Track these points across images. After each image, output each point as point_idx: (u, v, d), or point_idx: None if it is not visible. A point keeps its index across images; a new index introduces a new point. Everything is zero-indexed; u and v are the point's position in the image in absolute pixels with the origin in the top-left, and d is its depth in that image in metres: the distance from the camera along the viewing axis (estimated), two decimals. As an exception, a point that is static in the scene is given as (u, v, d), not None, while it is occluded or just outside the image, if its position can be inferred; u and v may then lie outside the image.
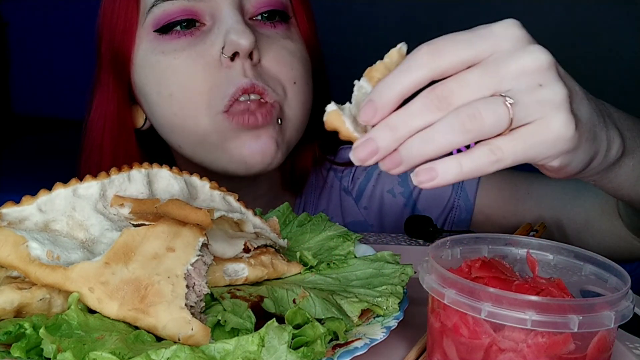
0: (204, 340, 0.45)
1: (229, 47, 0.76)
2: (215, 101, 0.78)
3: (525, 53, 0.43)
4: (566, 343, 0.41)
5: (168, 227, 0.50)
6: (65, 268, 0.47)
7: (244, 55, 0.77)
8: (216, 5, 0.79)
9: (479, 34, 0.44)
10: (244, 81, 0.77)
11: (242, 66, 0.77)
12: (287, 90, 0.81)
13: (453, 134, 0.41)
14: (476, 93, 0.42)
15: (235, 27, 0.76)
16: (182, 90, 0.79)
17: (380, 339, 0.48)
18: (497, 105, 0.41)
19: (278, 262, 0.59)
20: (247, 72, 0.77)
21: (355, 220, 0.98)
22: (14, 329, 0.42)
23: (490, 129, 0.41)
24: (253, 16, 0.82)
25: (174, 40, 0.79)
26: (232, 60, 0.77)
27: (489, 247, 0.52)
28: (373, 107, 0.43)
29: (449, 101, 0.42)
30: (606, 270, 0.47)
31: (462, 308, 0.42)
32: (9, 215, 0.51)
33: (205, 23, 0.80)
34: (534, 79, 0.43)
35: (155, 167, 0.58)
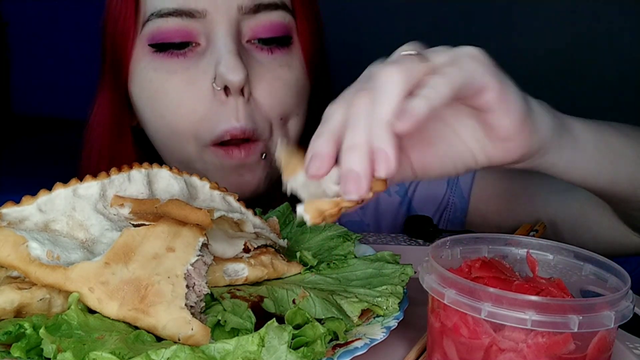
0: (204, 340, 0.45)
1: (219, 80, 0.74)
2: (203, 134, 0.77)
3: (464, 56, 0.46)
4: (566, 343, 0.41)
5: (168, 227, 0.50)
6: (65, 268, 0.47)
7: (236, 91, 0.74)
8: (211, 27, 0.76)
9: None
10: (235, 125, 0.75)
11: (235, 106, 0.75)
12: (273, 127, 0.80)
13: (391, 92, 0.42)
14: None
15: (227, 59, 0.73)
16: (172, 115, 0.78)
17: (380, 339, 0.48)
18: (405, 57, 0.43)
19: (278, 262, 0.59)
20: (240, 113, 0.75)
21: (351, 220, 0.98)
22: (14, 329, 0.42)
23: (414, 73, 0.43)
24: (251, 39, 0.78)
25: (167, 59, 0.77)
26: (226, 95, 0.75)
27: (489, 247, 0.52)
28: (319, 157, 0.44)
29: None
30: (606, 270, 0.47)
31: (462, 308, 0.42)
32: (9, 215, 0.51)
33: (200, 43, 0.77)
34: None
35: (155, 167, 0.58)
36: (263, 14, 0.77)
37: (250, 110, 0.76)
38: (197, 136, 0.77)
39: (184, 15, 0.75)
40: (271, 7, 0.78)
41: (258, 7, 0.77)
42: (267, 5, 0.77)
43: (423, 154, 0.51)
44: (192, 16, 0.75)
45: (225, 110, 0.75)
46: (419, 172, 0.51)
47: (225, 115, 0.75)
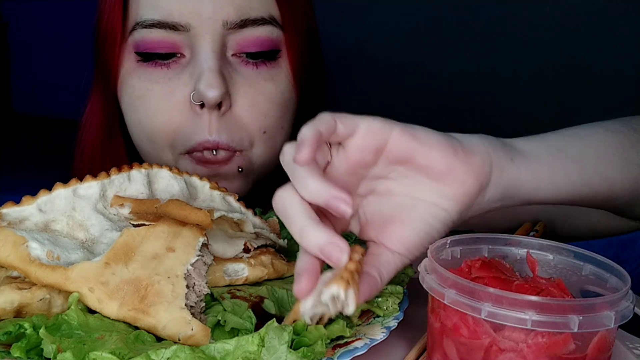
0: (204, 340, 0.45)
1: (196, 95, 0.74)
2: (177, 144, 0.77)
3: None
4: (566, 343, 0.41)
5: (168, 227, 0.50)
6: (65, 268, 0.47)
7: (210, 106, 0.74)
8: (195, 41, 0.75)
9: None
10: (208, 139, 0.75)
11: (208, 119, 0.75)
12: (254, 140, 0.79)
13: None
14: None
15: (206, 75, 0.73)
16: (150, 123, 0.78)
17: (380, 339, 0.48)
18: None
19: (278, 262, 0.59)
20: (212, 126, 0.75)
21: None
22: (14, 329, 0.42)
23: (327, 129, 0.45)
24: (237, 53, 0.77)
25: (150, 69, 0.77)
26: (201, 108, 0.75)
27: (489, 247, 0.52)
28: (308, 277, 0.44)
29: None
30: (606, 270, 0.47)
31: (462, 308, 0.42)
32: (9, 215, 0.51)
33: (184, 55, 0.77)
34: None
35: (155, 167, 0.58)
36: (249, 29, 0.76)
37: (226, 124, 0.76)
38: (173, 145, 0.77)
39: (167, 27, 0.75)
40: (258, 22, 0.77)
41: (244, 23, 0.76)
42: (254, 21, 0.76)
43: (393, 233, 0.49)
44: (175, 29, 0.75)
45: (200, 122, 0.75)
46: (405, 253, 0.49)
47: (199, 128, 0.75)
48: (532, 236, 0.58)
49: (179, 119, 0.76)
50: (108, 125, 0.86)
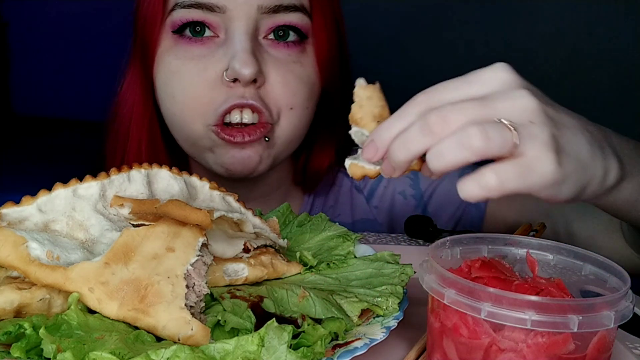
0: (204, 340, 0.45)
1: (230, 72, 0.79)
2: (209, 113, 0.81)
3: (517, 94, 0.46)
4: (566, 343, 0.41)
5: (168, 228, 0.50)
6: (65, 268, 0.47)
7: (245, 83, 0.79)
8: (230, 23, 0.80)
9: (470, 80, 0.48)
10: (242, 101, 0.80)
11: (243, 91, 0.80)
12: (281, 114, 0.84)
13: (462, 151, 0.44)
14: (473, 119, 0.45)
15: (240, 55, 0.78)
16: (183, 96, 0.83)
17: (380, 339, 0.48)
18: (503, 129, 0.44)
19: (278, 262, 0.59)
20: (247, 93, 0.80)
21: (365, 218, 0.99)
22: (14, 329, 0.42)
23: (497, 149, 0.44)
24: (267, 35, 0.82)
25: (185, 46, 0.82)
26: (233, 82, 0.80)
27: (489, 247, 0.52)
28: (374, 147, 0.49)
29: (445, 126, 0.45)
30: (606, 270, 0.47)
31: (462, 308, 0.42)
32: (9, 216, 0.51)
33: (218, 35, 0.82)
34: (526, 115, 0.46)
35: (155, 167, 0.58)
36: (282, 14, 0.82)
37: (260, 95, 0.81)
38: (205, 115, 0.82)
39: (204, 8, 0.80)
40: (290, 8, 0.82)
41: (277, 8, 0.81)
42: (287, 7, 0.82)
43: None
44: (212, 10, 0.80)
45: (232, 92, 0.80)
46: None
47: (232, 96, 0.80)
48: (532, 236, 0.58)
49: (211, 92, 0.81)
50: (144, 101, 0.90)
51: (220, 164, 0.84)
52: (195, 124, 0.83)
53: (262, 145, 0.83)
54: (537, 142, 0.45)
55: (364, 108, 0.52)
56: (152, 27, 0.84)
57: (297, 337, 0.45)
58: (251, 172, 0.85)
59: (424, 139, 0.45)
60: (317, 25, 0.86)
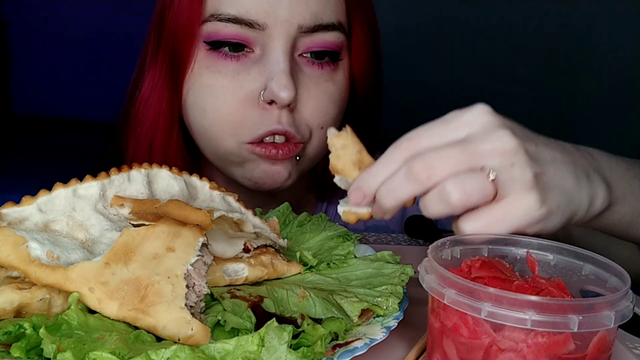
0: (204, 340, 0.45)
1: (268, 94, 0.77)
2: (242, 133, 0.80)
3: (496, 136, 0.48)
4: (566, 343, 0.41)
5: (168, 227, 0.50)
6: (65, 268, 0.47)
7: (282, 106, 0.77)
8: (268, 40, 0.78)
9: (450, 123, 0.50)
10: (277, 127, 0.78)
11: (278, 114, 0.78)
12: (313, 133, 0.83)
13: (442, 205, 0.47)
14: (455, 167, 0.47)
15: (279, 77, 0.76)
16: (215, 113, 0.80)
17: (380, 339, 0.48)
18: (482, 180, 0.47)
19: (278, 262, 0.59)
20: (283, 118, 0.78)
21: (376, 225, 0.98)
22: (14, 329, 0.42)
23: (476, 200, 0.47)
24: (303, 53, 0.81)
25: (220, 60, 0.79)
26: (269, 104, 0.78)
27: (489, 247, 0.52)
28: (362, 194, 0.52)
29: (429, 174, 0.48)
30: (606, 270, 0.47)
31: (462, 308, 0.42)
32: (9, 216, 0.51)
33: (254, 51, 0.79)
34: (506, 158, 0.48)
35: (155, 167, 0.58)
36: (320, 33, 0.80)
37: (293, 119, 0.80)
38: (237, 134, 0.80)
39: (243, 24, 0.77)
40: (329, 27, 0.80)
41: (317, 27, 0.79)
42: (326, 26, 0.80)
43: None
44: (251, 26, 0.77)
45: (268, 115, 0.78)
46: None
47: (269, 119, 0.78)
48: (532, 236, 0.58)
49: (245, 111, 0.79)
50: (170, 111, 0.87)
51: (249, 177, 0.83)
52: (227, 140, 0.81)
53: (292, 162, 0.83)
54: (518, 185, 0.47)
55: (342, 158, 0.54)
56: (185, 38, 0.81)
57: (297, 337, 0.45)
58: (279, 187, 0.84)
59: (410, 186, 0.48)
60: (356, 40, 0.85)
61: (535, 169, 0.48)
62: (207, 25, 0.79)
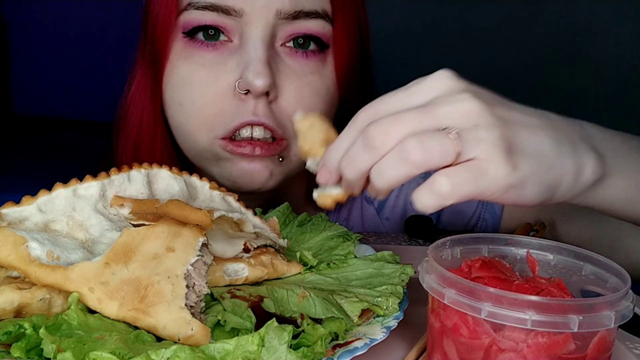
0: (204, 340, 0.45)
1: (243, 83, 0.74)
2: (217, 127, 0.77)
3: (457, 98, 0.45)
4: (566, 343, 0.41)
5: (168, 227, 0.50)
6: (65, 268, 0.47)
7: (257, 95, 0.74)
8: (246, 28, 0.75)
9: (411, 89, 0.47)
10: (252, 118, 0.75)
11: (254, 104, 0.75)
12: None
13: (402, 166, 0.44)
14: (412, 130, 0.44)
15: (254, 65, 0.73)
16: (191, 106, 0.78)
17: (380, 339, 0.48)
18: (442, 138, 0.43)
19: (278, 262, 0.59)
20: (258, 109, 0.75)
21: (376, 231, 0.96)
22: (14, 329, 0.42)
23: (438, 159, 0.43)
24: (285, 42, 0.77)
25: (198, 51, 0.78)
26: (245, 95, 0.75)
27: (489, 247, 0.52)
28: (327, 170, 0.50)
29: (384, 138, 0.45)
30: (606, 270, 0.47)
31: (462, 308, 0.42)
32: (9, 216, 0.51)
33: (232, 40, 0.77)
34: (469, 119, 0.44)
35: (155, 167, 0.58)
36: (302, 21, 0.76)
37: (271, 111, 0.76)
38: (211, 129, 0.77)
39: (220, 11, 0.75)
40: (311, 15, 0.77)
41: (298, 14, 0.76)
42: (308, 13, 0.76)
43: None
44: (228, 13, 0.75)
45: (244, 106, 0.75)
46: None
47: (244, 111, 0.75)
48: (532, 236, 0.58)
49: (222, 103, 0.76)
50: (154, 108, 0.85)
51: (226, 177, 0.79)
52: (201, 135, 0.78)
53: (274, 162, 0.78)
54: (484, 144, 0.44)
55: (309, 138, 0.53)
56: (163, 29, 0.79)
57: (298, 337, 0.45)
58: (260, 187, 0.79)
59: (366, 155, 0.46)
60: (339, 31, 0.80)
61: (504, 131, 0.44)
62: (184, 15, 0.77)
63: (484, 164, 0.43)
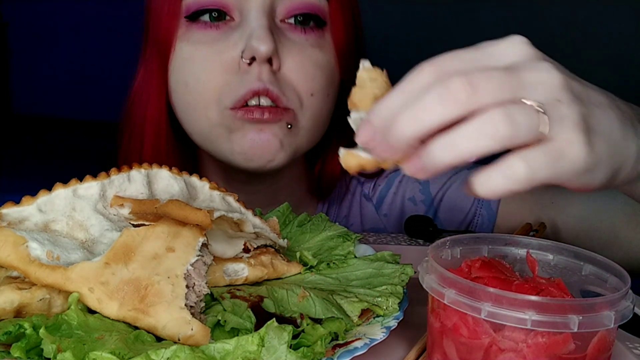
0: (204, 340, 0.45)
1: (247, 51, 0.76)
2: (225, 97, 0.78)
3: (541, 67, 0.41)
4: (566, 343, 0.41)
5: (168, 228, 0.50)
6: (65, 268, 0.47)
7: (261, 61, 0.76)
8: (246, 4, 0.78)
9: (487, 50, 0.42)
10: (257, 84, 0.76)
11: (258, 71, 0.76)
12: (303, 100, 0.80)
13: (483, 140, 0.38)
14: (500, 92, 0.39)
15: (257, 32, 0.75)
16: (196, 83, 0.80)
17: (380, 339, 0.48)
18: (531, 112, 0.39)
19: (278, 262, 0.59)
20: (263, 76, 0.76)
21: (374, 228, 0.97)
22: (14, 329, 0.42)
23: (524, 136, 0.39)
24: (285, 18, 0.80)
25: (200, 31, 0.80)
26: (249, 65, 0.77)
27: (489, 247, 0.52)
28: (371, 127, 0.42)
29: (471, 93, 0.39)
30: (606, 270, 0.47)
31: (462, 308, 0.42)
32: (9, 216, 0.51)
33: (234, 18, 0.80)
34: (552, 93, 0.40)
35: (155, 167, 0.58)
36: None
37: (277, 79, 0.78)
38: (220, 100, 0.79)
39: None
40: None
41: None
42: None
43: None
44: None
45: (249, 75, 0.77)
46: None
47: (250, 78, 0.77)
48: (532, 236, 0.58)
49: (227, 75, 0.78)
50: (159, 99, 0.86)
51: (238, 151, 0.79)
52: (210, 109, 0.79)
53: (283, 130, 0.79)
54: (567, 124, 0.40)
55: (365, 89, 0.46)
56: (168, 18, 0.81)
57: (297, 337, 0.45)
58: (271, 159, 0.80)
59: (443, 108, 0.39)
60: (335, 8, 0.83)
61: (582, 110, 0.41)
62: (185, 1, 0.80)
63: (565, 146, 0.40)
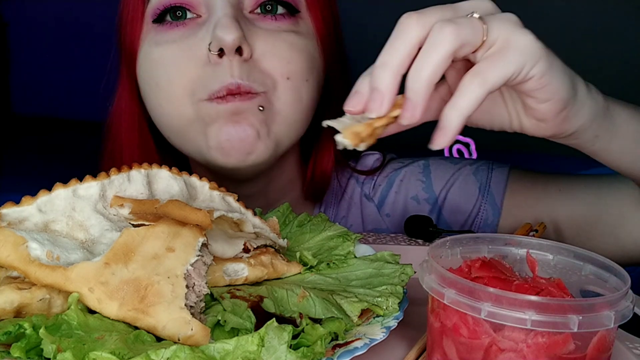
0: (204, 340, 0.45)
1: (214, 42, 0.73)
2: (198, 90, 0.76)
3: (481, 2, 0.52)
4: (566, 343, 0.41)
5: (168, 228, 0.50)
6: (65, 268, 0.47)
7: (230, 52, 0.73)
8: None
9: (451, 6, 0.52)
10: (230, 81, 0.74)
11: (229, 64, 0.74)
12: (277, 84, 0.77)
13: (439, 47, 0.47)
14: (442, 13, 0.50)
15: (222, 21, 0.73)
16: (167, 82, 0.78)
17: (380, 339, 0.48)
18: (469, 18, 0.49)
19: (278, 262, 0.59)
20: (234, 69, 0.74)
21: (377, 228, 0.96)
22: (14, 329, 0.42)
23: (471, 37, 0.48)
24: (253, 9, 0.78)
25: (167, 32, 0.78)
26: (220, 57, 0.74)
27: (489, 247, 0.52)
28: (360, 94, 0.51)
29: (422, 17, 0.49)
30: (606, 270, 0.47)
31: (462, 308, 0.42)
32: (9, 216, 0.51)
33: (200, 15, 0.78)
34: (488, 8, 0.51)
35: (155, 167, 0.58)
36: None
37: (248, 68, 0.75)
38: (192, 94, 0.77)
39: None
40: None
41: None
42: None
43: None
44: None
45: (219, 69, 0.75)
46: None
47: (219, 74, 0.75)
48: (532, 236, 0.58)
49: (197, 70, 0.76)
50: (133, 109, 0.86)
51: (214, 145, 0.76)
52: (184, 104, 0.77)
53: (257, 117, 0.76)
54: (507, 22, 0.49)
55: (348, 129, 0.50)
56: (133, 24, 0.80)
57: (297, 337, 0.45)
58: (250, 151, 0.76)
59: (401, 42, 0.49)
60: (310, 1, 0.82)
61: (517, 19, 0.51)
62: (150, 4, 0.79)
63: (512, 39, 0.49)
